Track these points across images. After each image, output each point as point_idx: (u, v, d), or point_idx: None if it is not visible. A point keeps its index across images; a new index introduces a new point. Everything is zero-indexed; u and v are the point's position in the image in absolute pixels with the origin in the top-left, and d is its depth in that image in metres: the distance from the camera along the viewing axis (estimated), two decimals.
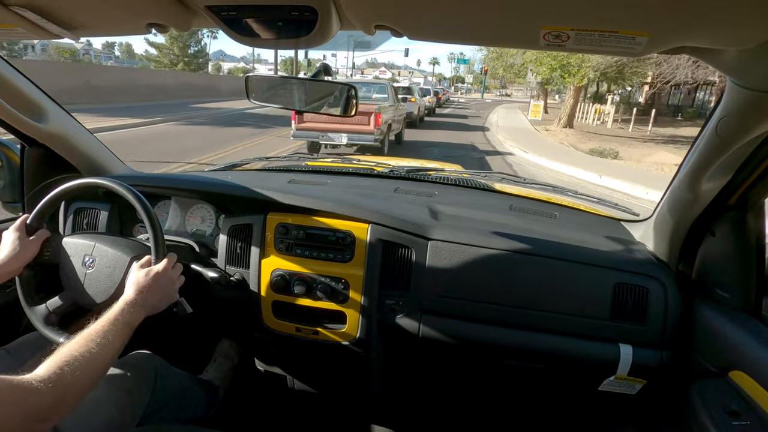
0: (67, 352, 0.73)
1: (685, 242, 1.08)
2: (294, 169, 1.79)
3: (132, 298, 0.89)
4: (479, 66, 73.62)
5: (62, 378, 0.68)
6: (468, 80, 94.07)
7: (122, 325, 0.83)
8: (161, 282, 0.96)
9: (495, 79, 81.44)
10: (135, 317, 0.87)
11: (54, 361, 0.70)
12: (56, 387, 0.66)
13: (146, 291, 0.92)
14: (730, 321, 0.95)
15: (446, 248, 1.15)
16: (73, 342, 0.76)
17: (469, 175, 1.80)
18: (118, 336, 0.81)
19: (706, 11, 0.52)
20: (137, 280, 0.93)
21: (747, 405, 0.86)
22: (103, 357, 0.77)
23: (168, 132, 11.07)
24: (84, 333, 0.78)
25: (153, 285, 0.94)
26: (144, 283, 0.93)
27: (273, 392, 1.58)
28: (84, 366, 0.72)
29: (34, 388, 0.64)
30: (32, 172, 1.37)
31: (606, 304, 1.09)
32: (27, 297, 1.05)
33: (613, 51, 0.62)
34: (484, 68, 44.75)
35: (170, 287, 0.99)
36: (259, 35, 0.67)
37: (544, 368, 1.17)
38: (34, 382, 0.65)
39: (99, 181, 1.07)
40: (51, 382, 0.66)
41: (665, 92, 23.10)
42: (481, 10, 0.57)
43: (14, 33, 0.77)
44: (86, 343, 0.76)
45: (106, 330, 0.80)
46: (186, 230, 1.40)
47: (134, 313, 0.87)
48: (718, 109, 0.79)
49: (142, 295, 0.91)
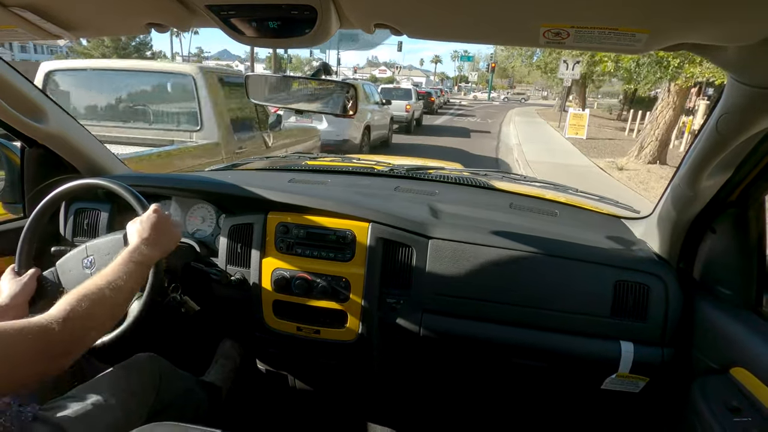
0: (77, 292, 0.75)
1: (686, 239, 1.08)
2: (294, 169, 1.79)
3: (137, 241, 0.90)
4: (484, 64, 68.66)
5: (74, 313, 0.70)
6: (472, 78, 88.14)
7: (135, 264, 0.85)
8: (158, 223, 0.96)
9: (502, 78, 77.16)
10: (147, 257, 0.89)
11: (66, 300, 0.73)
12: (67, 322, 0.69)
13: (148, 232, 0.93)
14: (731, 318, 0.95)
15: (447, 247, 1.15)
16: (85, 284, 0.78)
17: (469, 173, 1.80)
18: (132, 276, 0.83)
19: (706, 8, 0.52)
20: (135, 230, 0.94)
21: (748, 401, 0.86)
22: (117, 295, 0.79)
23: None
24: (96, 275, 0.80)
25: (152, 227, 0.94)
26: (142, 228, 0.93)
27: (274, 392, 1.58)
28: (96, 303, 0.74)
29: (47, 325, 0.67)
30: (32, 173, 1.37)
31: (607, 301, 1.09)
32: None
33: (613, 48, 0.62)
34: (492, 65, 40.79)
35: (169, 227, 0.99)
36: (258, 34, 0.67)
37: (545, 366, 1.18)
38: (45, 320, 0.68)
39: (99, 182, 1.07)
40: (62, 318, 0.69)
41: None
42: (480, 8, 0.57)
43: (14, 34, 0.77)
44: (97, 282, 0.78)
45: (117, 270, 0.82)
46: (187, 230, 1.40)
47: (145, 252, 0.89)
48: (718, 105, 0.79)
49: (144, 237, 0.91)
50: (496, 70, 43.98)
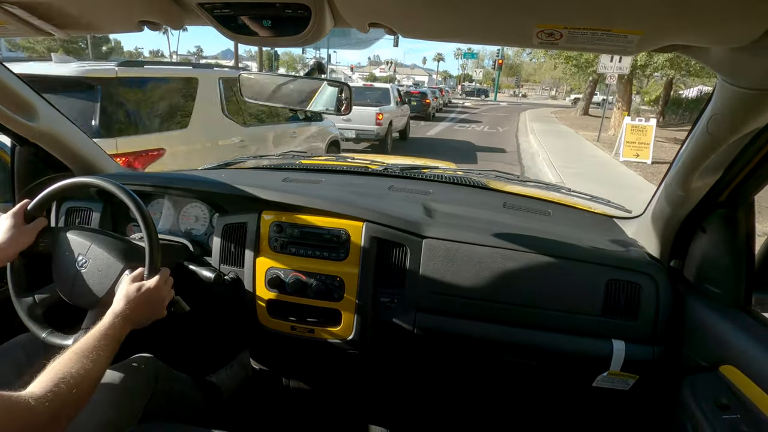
0: (61, 368, 0.72)
1: (677, 239, 1.10)
2: (288, 168, 1.79)
3: (122, 311, 0.88)
4: (489, 61, 60.91)
5: (58, 395, 0.67)
6: (476, 76, 79.87)
7: (111, 339, 0.83)
8: (151, 299, 0.94)
9: (509, 77, 69.81)
10: (122, 331, 0.87)
11: (49, 378, 0.69)
12: (52, 404, 0.66)
13: (136, 306, 0.91)
14: (721, 316, 0.97)
15: (440, 246, 1.16)
16: (65, 357, 0.75)
17: (463, 172, 1.80)
18: (108, 350, 0.81)
19: (697, 10, 0.52)
20: (128, 294, 0.92)
21: (737, 399, 0.87)
22: (95, 372, 0.77)
23: None
24: (76, 348, 0.78)
25: (143, 301, 0.92)
26: (134, 298, 0.91)
27: (268, 391, 1.58)
28: (79, 382, 0.72)
29: (31, 407, 0.64)
30: (23, 172, 1.35)
31: (598, 300, 1.10)
32: (16, 287, 1.04)
33: (606, 49, 0.63)
34: (499, 61, 36.14)
35: (159, 305, 0.98)
36: (251, 33, 0.67)
37: (537, 365, 1.18)
38: (31, 400, 0.64)
39: (93, 180, 1.06)
40: (47, 400, 0.66)
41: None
42: (474, 8, 0.58)
43: (4, 30, 0.76)
44: (80, 359, 0.75)
45: (97, 345, 0.79)
46: (180, 229, 1.39)
47: (122, 326, 0.87)
48: (708, 106, 0.80)
49: (131, 309, 0.90)
50: (502, 67, 39.30)
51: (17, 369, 0.98)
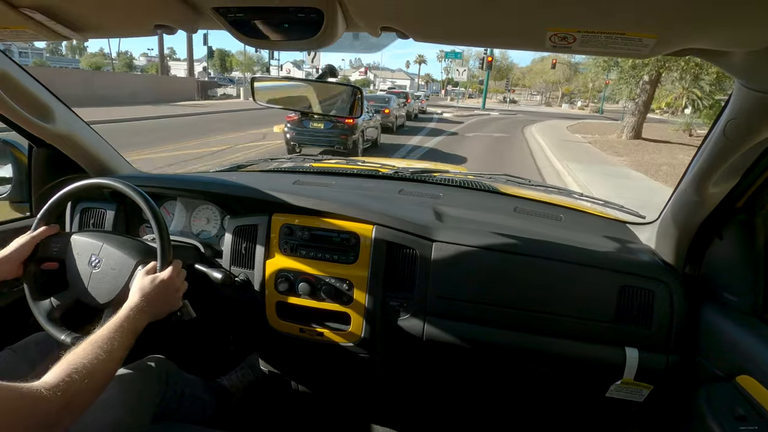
0: (74, 358, 0.73)
1: (692, 245, 1.08)
2: (299, 170, 1.80)
3: (137, 304, 0.90)
4: (474, 62, 48.80)
5: (71, 385, 0.68)
6: (460, 78, 61.04)
7: (127, 331, 0.84)
8: (166, 289, 0.96)
9: (497, 80, 62.83)
10: (139, 323, 0.88)
11: (62, 368, 0.70)
12: (64, 394, 0.66)
13: (151, 298, 0.92)
14: (738, 325, 0.94)
15: (450, 250, 1.15)
16: (80, 348, 0.76)
17: (474, 176, 1.79)
18: (124, 342, 0.82)
19: (713, 13, 0.51)
20: (142, 287, 0.94)
21: (754, 410, 0.85)
22: (110, 363, 0.77)
23: None
24: (90, 339, 0.79)
25: (158, 292, 0.94)
26: (149, 290, 0.93)
27: (276, 392, 1.58)
28: (92, 372, 0.72)
29: (43, 396, 0.64)
30: (40, 173, 1.38)
31: (611, 307, 1.08)
32: (32, 291, 1.06)
33: (620, 53, 0.62)
34: (488, 58, 29.84)
35: (174, 295, 0.99)
36: (265, 37, 0.67)
37: (549, 371, 1.17)
38: (43, 389, 0.65)
39: (107, 182, 1.08)
40: (59, 389, 0.66)
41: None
42: (487, 11, 0.57)
43: (23, 35, 0.77)
44: (93, 349, 0.76)
45: (112, 336, 0.80)
46: (191, 231, 1.40)
47: (139, 319, 0.88)
48: (725, 111, 0.79)
49: (146, 301, 0.91)
50: (491, 68, 32.95)
51: (32, 366, 0.99)
